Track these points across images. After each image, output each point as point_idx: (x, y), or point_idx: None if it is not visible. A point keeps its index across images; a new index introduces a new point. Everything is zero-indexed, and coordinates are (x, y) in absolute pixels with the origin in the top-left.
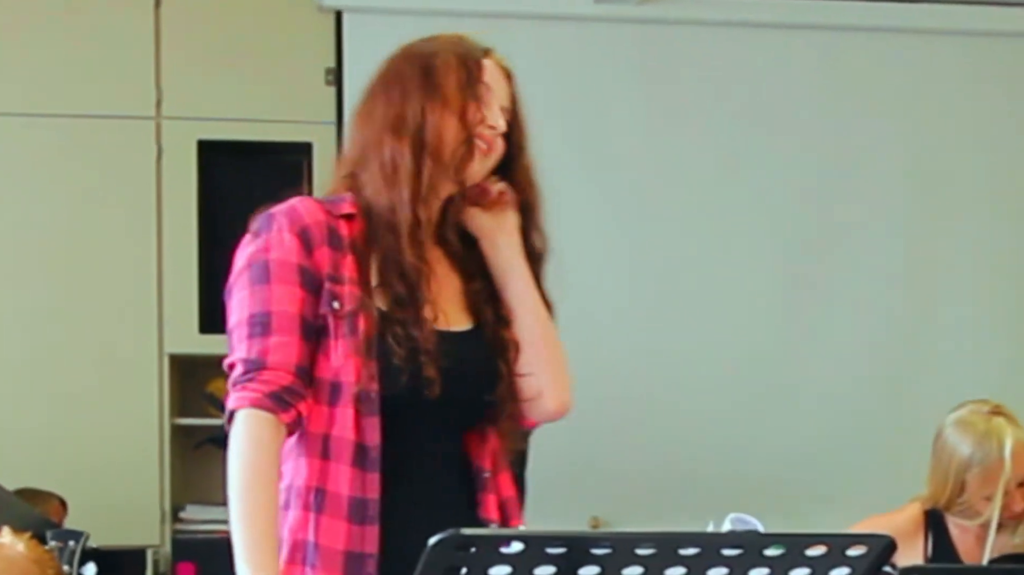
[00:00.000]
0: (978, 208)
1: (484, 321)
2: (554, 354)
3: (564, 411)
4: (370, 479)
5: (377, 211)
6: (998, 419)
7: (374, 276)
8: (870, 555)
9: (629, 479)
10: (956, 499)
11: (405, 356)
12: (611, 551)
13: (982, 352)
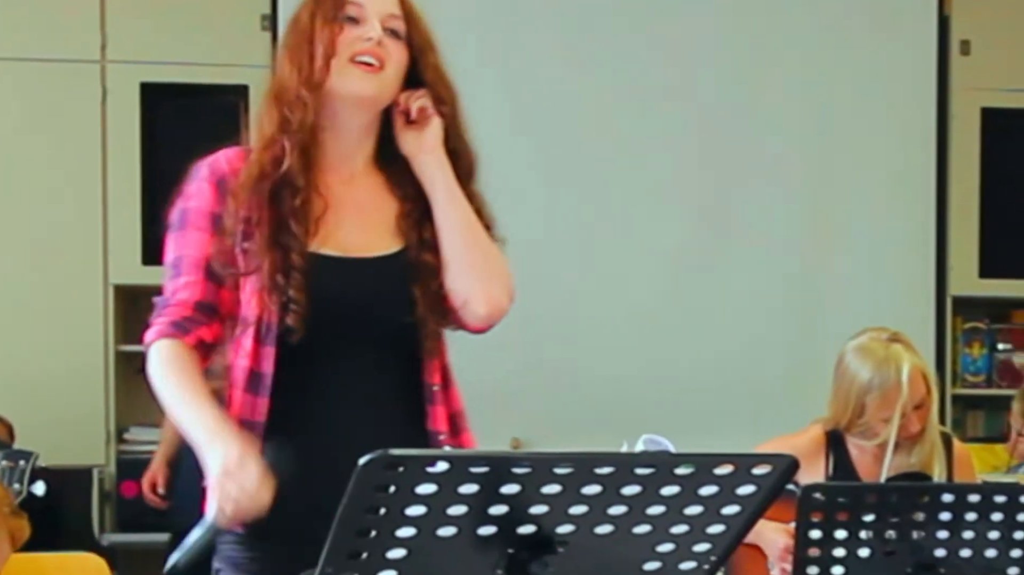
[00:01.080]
0: (877, 146)
1: (410, 244)
2: (481, 260)
3: (496, 312)
4: (260, 403)
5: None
6: (896, 346)
7: (274, 216)
8: (774, 474)
9: (548, 402)
10: (856, 421)
11: (281, 299)
12: (531, 470)
13: (881, 282)
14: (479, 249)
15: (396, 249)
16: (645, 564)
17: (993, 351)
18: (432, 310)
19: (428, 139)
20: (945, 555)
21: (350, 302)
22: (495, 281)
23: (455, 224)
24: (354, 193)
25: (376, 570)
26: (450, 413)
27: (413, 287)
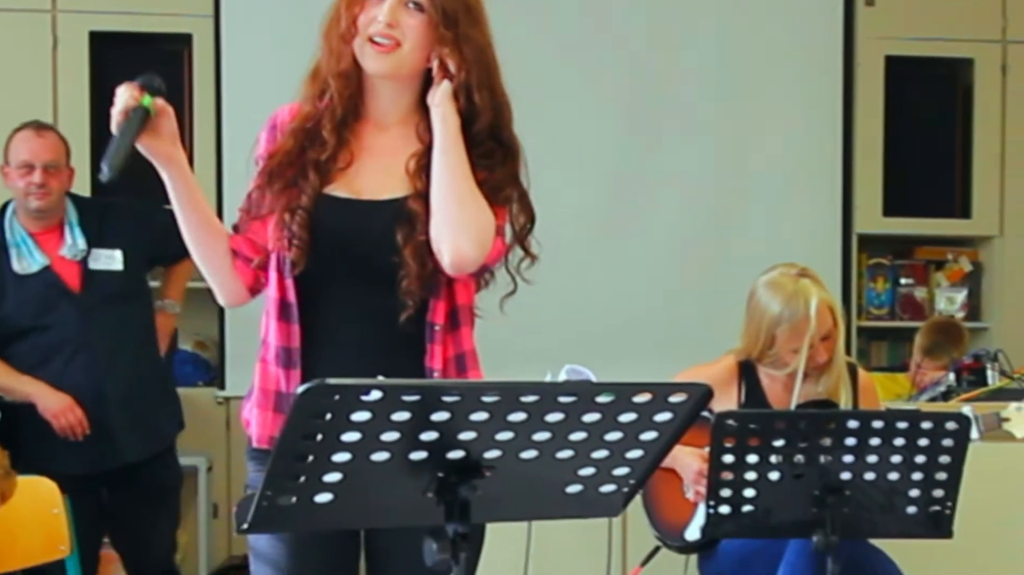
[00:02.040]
0: (788, 93)
1: (412, 190)
2: (456, 211)
3: (460, 262)
4: (292, 330)
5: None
6: (804, 281)
7: (299, 163)
8: (690, 401)
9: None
10: (767, 352)
11: (287, 234)
12: (460, 399)
13: (791, 221)
14: (456, 201)
15: (401, 195)
16: (568, 487)
17: (896, 286)
18: (413, 254)
19: (437, 94)
20: (851, 478)
21: (345, 239)
22: (465, 233)
23: (440, 174)
24: (387, 140)
25: (313, 493)
26: (456, 353)
27: (397, 230)
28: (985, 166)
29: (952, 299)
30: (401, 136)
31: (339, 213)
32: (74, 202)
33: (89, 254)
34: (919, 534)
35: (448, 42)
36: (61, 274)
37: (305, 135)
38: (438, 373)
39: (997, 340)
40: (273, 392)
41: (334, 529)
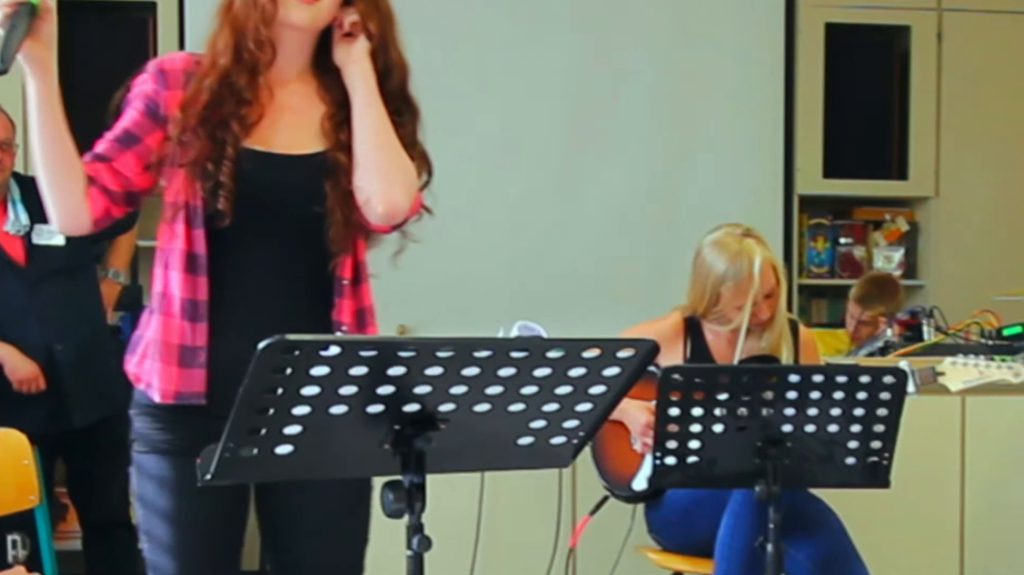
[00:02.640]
0: (732, 58)
1: (331, 145)
2: (386, 164)
3: (393, 212)
4: (199, 282)
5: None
6: (749, 240)
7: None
8: (637, 356)
9: (432, 291)
10: (712, 308)
11: (211, 185)
12: (415, 354)
13: (734, 182)
14: (385, 153)
15: (319, 149)
16: (519, 439)
17: (835, 245)
18: (340, 205)
19: (355, 51)
20: (792, 430)
21: (269, 191)
22: (397, 184)
23: (367, 128)
24: (289, 98)
25: (274, 445)
26: (358, 308)
27: (325, 182)
28: (921, 130)
29: (889, 258)
30: (302, 93)
31: (260, 166)
32: (16, 180)
33: (32, 229)
34: (858, 484)
35: (366, 1)
36: (6, 248)
37: (222, 88)
38: (347, 327)
39: (933, 297)
40: (177, 346)
41: (295, 478)
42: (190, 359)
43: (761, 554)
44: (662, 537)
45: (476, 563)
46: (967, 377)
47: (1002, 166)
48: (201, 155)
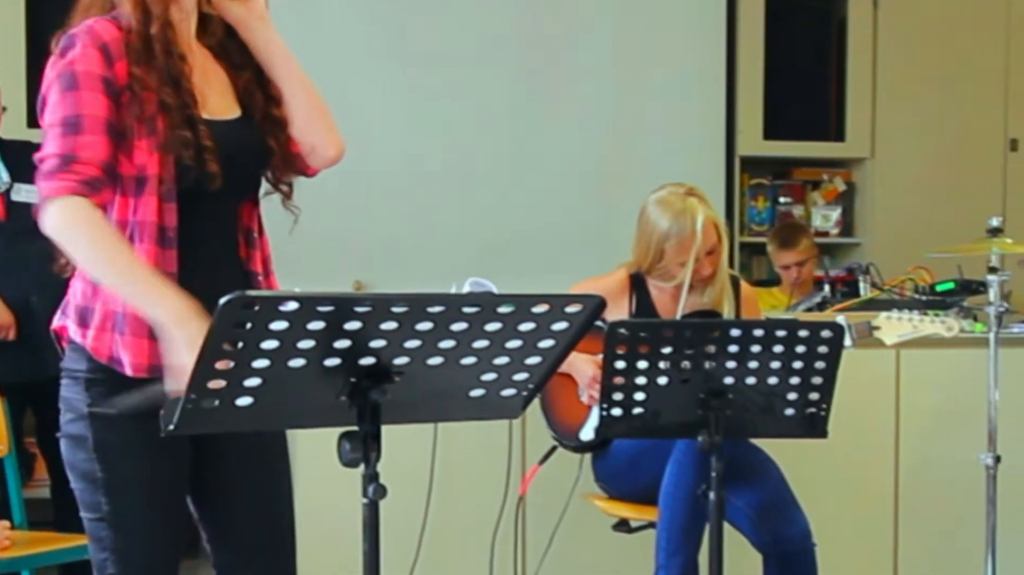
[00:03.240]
0: (676, 24)
1: (254, 106)
2: (321, 111)
3: (342, 153)
4: (169, 255)
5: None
6: (692, 199)
7: (161, 81)
8: (584, 312)
9: (387, 248)
10: (656, 265)
11: (193, 151)
12: (371, 309)
13: (678, 144)
14: (318, 102)
15: (240, 114)
16: (471, 391)
17: (775, 204)
18: (283, 160)
19: (258, 7)
20: (733, 382)
21: (231, 158)
22: (333, 129)
23: (299, 82)
24: (199, 61)
25: (235, 397)
26: (263, 257)
27: (269, 141)
28: (858, 93)
29: (827, 217)
30: (206, 57)
31: (220, 132)
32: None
33: (11, 187)
34: (796, 434)
35: None
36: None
37: (165, 56)
38: (260, 277)
39: (868, 255)
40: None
41: (255, 430)
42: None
43: (703, 502)
44: (608, 485)
45: (429, 510)
46: (901, 331)
47: (935, 128)
48: (165, 125)
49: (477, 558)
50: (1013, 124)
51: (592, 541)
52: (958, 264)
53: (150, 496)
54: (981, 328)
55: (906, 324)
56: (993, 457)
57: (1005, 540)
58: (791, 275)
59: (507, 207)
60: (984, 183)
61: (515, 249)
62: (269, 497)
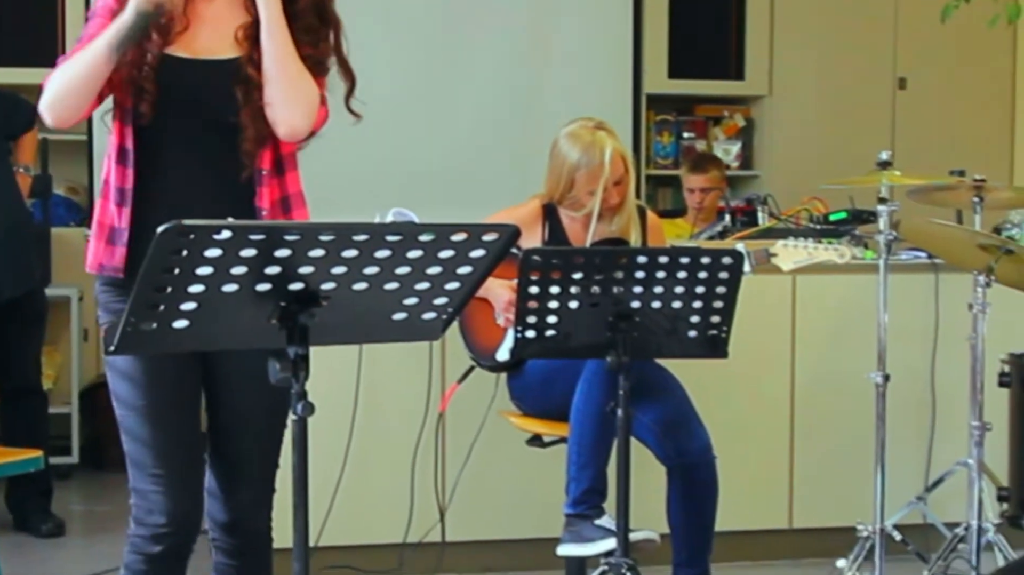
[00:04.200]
0: None
1: (243, 55)
2: (289, 90)
3: (294, 135)
4: (127, 173)
5: None
6: (600, 132)
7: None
8: (500, 240)
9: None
10: (567, 195)
11: (151, 82)
12: (299, 237)
13: (589, 81)
14: (287, 79)
15: (233, 56)
16: (394, 315)
17: (679, 139)
18: (252, 120)
19: None
20: (640, 306)
21: (186, 94)
22: (297, 109)
23: (270, 55)
24: (216, 8)
25: (172, 320)
26: (281, 195)
27: (236, 90)
28: (756, 35)
29: (728, 150)
30: (227, 5)
31: (181, 71)
32: None
33: None
34: (699, 354)
35: None
36: None
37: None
38: (266, 213)
39: (766, 186)
40: (108, 226)
41: (190, 350)
42: (115, 238)
43: (612, 418)
44: (523, 403)
45: (355, 427)
46: (797, 258)
47: (829, 68)
48: (130, 61)
49: (399, 471)
50: (902, 64)
51: (507, 455)
52: (850, 195)
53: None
54: (871, 255)
55: (801, 251)
56: (882, 375)
57: (893, 452)
58: (695, 199)
59: (427, 142)
60: (874, 119)
61: (435, 181)
62: (263, 429)
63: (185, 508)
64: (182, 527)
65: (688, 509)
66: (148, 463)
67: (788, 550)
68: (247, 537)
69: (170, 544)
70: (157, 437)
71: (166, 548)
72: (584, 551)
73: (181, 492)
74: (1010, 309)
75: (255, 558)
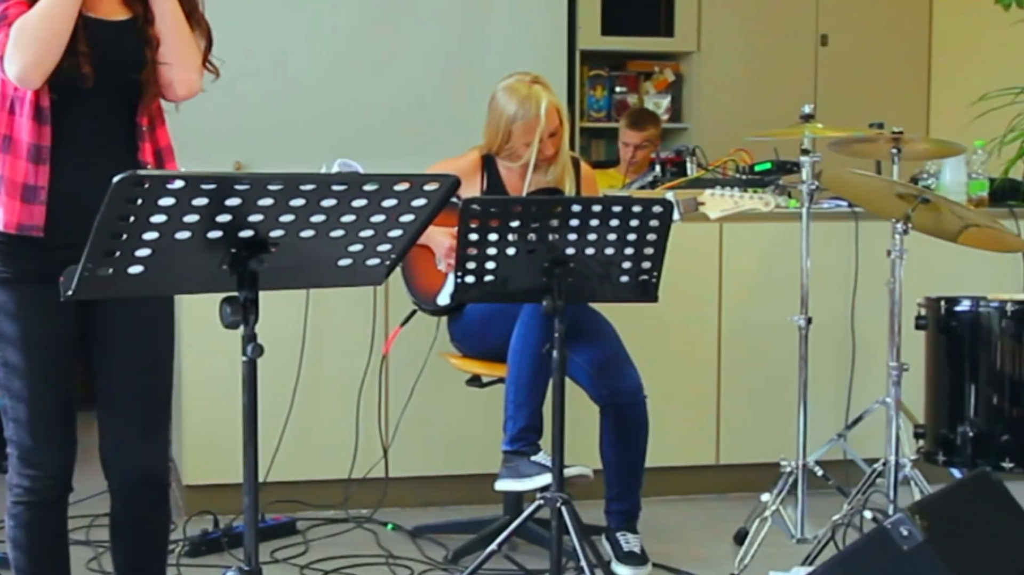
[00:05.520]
0: None
1: (138, 15)
2: (186, 52)
3: (191, 94)
4: (44, 131)
5: None
6: (536, 86)
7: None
8: (441, 190)
9: (264, 131)
10: (504, 146)
11: (84, 43)
12: (249, 187)
13: (525, 37)
14: (183, 43)
15: (127, 17)
16: (339, 261)
17: (612, 93)
18: (151, 80)
19: None
20: (574, 252)
21: (108, 54)
22: (193, 70)
23: (165, 17)
24: None
25: (127, 265)
26: (156, 148)
27: (146, 51)
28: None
29: (658, 104)
30: None
31: (99, 31)
32: None
33: None
34: (630, 299)
35: None
36: None
37: None
38: (150, 166)
39: (695, 138)
40: (21, 184)
41: (146, 295)
42: (31, 196)
43: (547, 359)
44: (463, 345)
45: (302, 368)
46: (724, 207)
47: (755, 25)
48: None
49: (345, 410)
50: (824, 21)
51: (447, 395)
52: (774, 147)
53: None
54: (795, 204)
55: (728, 200)
56: (805, 319)
57: (815, 391)
58: (628, 153)
59: (370, 95)
60: (797, 74)
61: (379, 133)
62: (149, 366)
63: (61, 460)
64: (59, 477)
65: (620, 446)
66: (29, 420)
67: (715, 485)
68: (147, 489)
69: (51, 493)
70: (40, 397)
71: (48, 496)
72: (521, 486)
73: (58, 445)
74: (926, 255)
75: (154, 511)
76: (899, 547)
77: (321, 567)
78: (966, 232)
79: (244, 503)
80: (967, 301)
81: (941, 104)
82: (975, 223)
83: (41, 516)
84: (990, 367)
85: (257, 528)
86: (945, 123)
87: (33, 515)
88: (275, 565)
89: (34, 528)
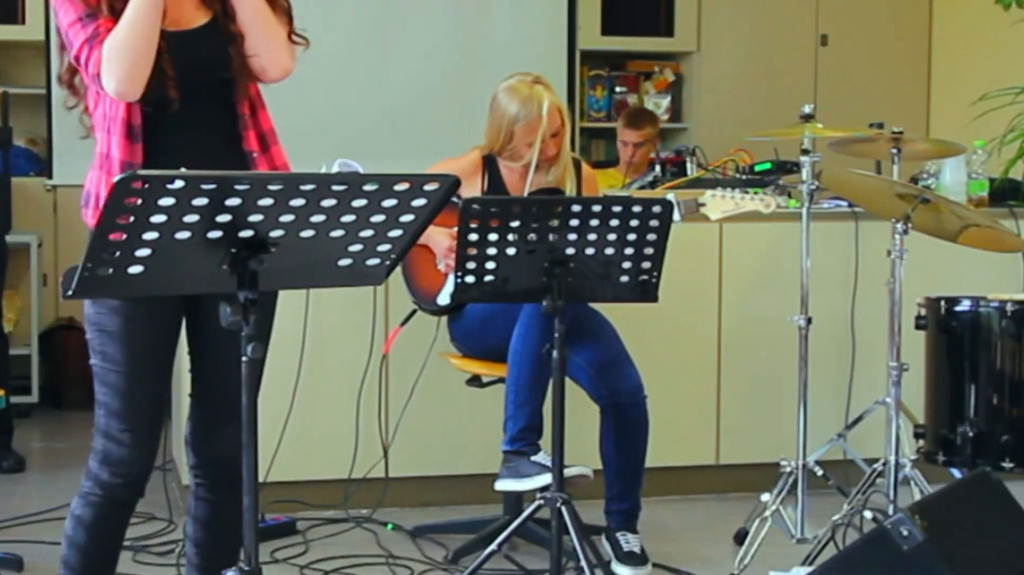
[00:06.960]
0: None
1: (217, 15)
2: (274, 34)
3: (286, 75)
4: (136, 148)
5: None
6: (538, 86)
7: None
8: (441, 190)
9: None
10: (506, 146)
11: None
12: (249, 187)
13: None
14: (268, 26)
15: (206, 21)
16: (339, 261)
17: (612, 93)
18: (241, 73)
19: None
20: (574, 252)
21: (188, 68)
22: (284, 51)
23: (244, 8)
24: None
25: (127, 265)
26: (259, 133)
27: (229, 49)
28: None
29: (658, 104)
30: None
31: (183, 45)
32: None
33: None
34: (630, 299)
35: None
36: None
37: None
38: (256, 154)
39: (695, 138)
40: None
41: (144, 295)
42: None
43: (547, 359)
44: (463, 345)
45: (302, 368)
46: (725, 207)
47: (755, 25)
48: None
49: (345, 410)
50: (824, 21)
51: (447, 395)
52: (774, 147)
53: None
54: (795, 204)
55: (729, 201)
56: (805, 319)
57: (815, 392)
58: (627, 152)
59: (372, 95)
60: (797, 74)
61: (378, 132)
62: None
63: (146, 459)
64: (140, 477)
65: (620, 446)
66: (124, 415)
67: (715, 485)
68: (226, 470)
69: (126, 493)
70: (136, 394)
71: (123, 496)
72: (521, 486)
73: (147, 445)
74: (926, 255)
75: (231, 491)
76: (899, 547)
77: (321, 567)
78: (966, 232)
79: (244, 503)
80: (967, 301)
81: (941, 104)
82: (975, 223)
83: (107, 515)
84: (990, 367)
85: (257, 528)
86: (945, 123)
87: (100, 514)
88: (275, 565)
89: (97, 529)
